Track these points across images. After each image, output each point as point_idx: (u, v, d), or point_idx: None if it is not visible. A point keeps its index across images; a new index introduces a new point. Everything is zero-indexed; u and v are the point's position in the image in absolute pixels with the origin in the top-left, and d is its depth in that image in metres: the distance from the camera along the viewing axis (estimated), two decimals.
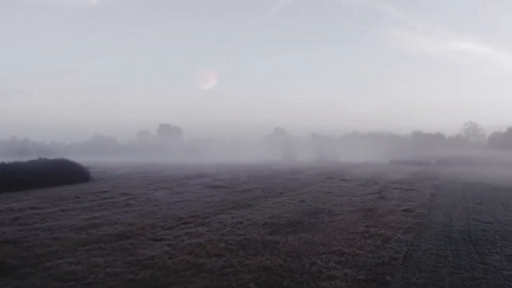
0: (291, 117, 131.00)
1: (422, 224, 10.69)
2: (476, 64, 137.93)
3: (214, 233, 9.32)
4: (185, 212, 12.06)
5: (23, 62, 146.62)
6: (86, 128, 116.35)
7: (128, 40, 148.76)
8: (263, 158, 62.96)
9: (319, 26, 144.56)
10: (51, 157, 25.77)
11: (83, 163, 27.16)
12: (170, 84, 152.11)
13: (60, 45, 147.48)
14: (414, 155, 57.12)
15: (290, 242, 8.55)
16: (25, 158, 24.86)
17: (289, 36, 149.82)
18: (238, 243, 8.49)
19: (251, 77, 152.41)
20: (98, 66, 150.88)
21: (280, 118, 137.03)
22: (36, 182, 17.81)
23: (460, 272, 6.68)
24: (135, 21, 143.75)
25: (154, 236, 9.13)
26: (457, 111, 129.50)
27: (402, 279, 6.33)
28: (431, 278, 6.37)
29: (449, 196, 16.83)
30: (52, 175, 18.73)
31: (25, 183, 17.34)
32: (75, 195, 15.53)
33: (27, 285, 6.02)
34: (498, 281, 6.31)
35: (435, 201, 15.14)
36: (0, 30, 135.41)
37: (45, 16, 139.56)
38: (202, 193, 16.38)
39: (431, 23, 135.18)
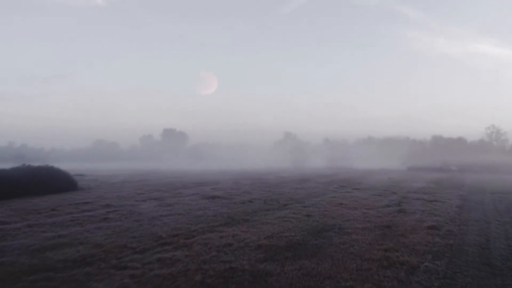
0: (302, 121, 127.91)
1: (453, 247, 8.73)
2: (497, 65, 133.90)
3: (193, 260, 7.50)
4: (168, 229, 10.25)
5: (23, 64, 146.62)
6: (88, 133, 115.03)
7: (132, 41, 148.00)
8: (271, 165, 61.10)
9: (332, 27, 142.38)
10: (50, 163, 24.46)
11: (80, 170, 25.94)
12: (175, 87, 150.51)
13: (62, 46, 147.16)
14: (434, 161, 54.18)
15: (287, 274, 6.70)
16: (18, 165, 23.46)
17: (301, 37, 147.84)
18: (220, 274, 6.66)
19: (259, 80, 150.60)
20: (100, 68, 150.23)
21: (290, 122, 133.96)
22: (17, 192, 16.24)
23: None
24: (140, 22, 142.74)
25: (119, 262, 7.38)
26: (479, 114, 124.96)
27: None
28: None
29: (479, 209, 14.68)
30: (34, 184, 17.14)
31: (4, 192, 15.73)
32: (52, 207, 13.90)
33: None
34: None
35: (464, 215, 13.07)
36: None
37: (46, 17, 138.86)
38: (195, 205, 14.54)
39: (449, 24, 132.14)
